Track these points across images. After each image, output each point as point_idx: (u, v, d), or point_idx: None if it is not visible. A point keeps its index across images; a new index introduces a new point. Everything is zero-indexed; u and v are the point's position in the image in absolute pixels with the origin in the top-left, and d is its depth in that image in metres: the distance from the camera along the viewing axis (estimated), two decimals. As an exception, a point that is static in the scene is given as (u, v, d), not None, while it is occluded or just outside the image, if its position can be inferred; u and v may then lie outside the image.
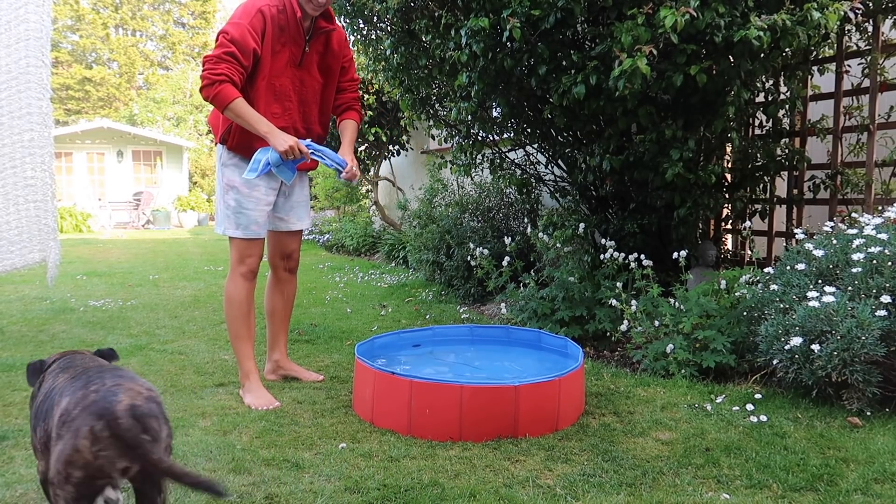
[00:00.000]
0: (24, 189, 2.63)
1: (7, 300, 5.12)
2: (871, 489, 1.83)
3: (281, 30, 2.56)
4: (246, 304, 2.72)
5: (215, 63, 2.43)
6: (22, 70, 2.64)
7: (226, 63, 2.43)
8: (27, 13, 2.65)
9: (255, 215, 2.67)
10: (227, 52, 2.44)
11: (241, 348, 2.72)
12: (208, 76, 2.43)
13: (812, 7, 2.84)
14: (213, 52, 2.46)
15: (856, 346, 2.29)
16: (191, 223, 17.90)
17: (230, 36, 2.45)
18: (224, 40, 2.45)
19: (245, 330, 2.72)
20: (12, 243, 2.62)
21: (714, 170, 3.54)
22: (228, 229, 2.67)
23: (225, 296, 2.75)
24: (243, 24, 2.47)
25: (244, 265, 2.70)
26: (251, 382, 2.67)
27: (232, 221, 2.66)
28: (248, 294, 2.72)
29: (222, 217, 2.70)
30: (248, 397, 2.62)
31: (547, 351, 2.96)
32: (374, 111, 7.79)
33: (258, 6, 2.51)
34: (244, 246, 2.69)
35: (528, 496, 1.80)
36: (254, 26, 2.48)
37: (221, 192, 2.70)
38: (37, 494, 1.80)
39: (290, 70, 2.64)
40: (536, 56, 3.43)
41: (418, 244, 5.77)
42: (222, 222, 2.70)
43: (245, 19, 2.48)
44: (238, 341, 2.73)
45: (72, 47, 27.65)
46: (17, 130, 2.62)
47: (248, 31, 2.46)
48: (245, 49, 2.46)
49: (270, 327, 2.99)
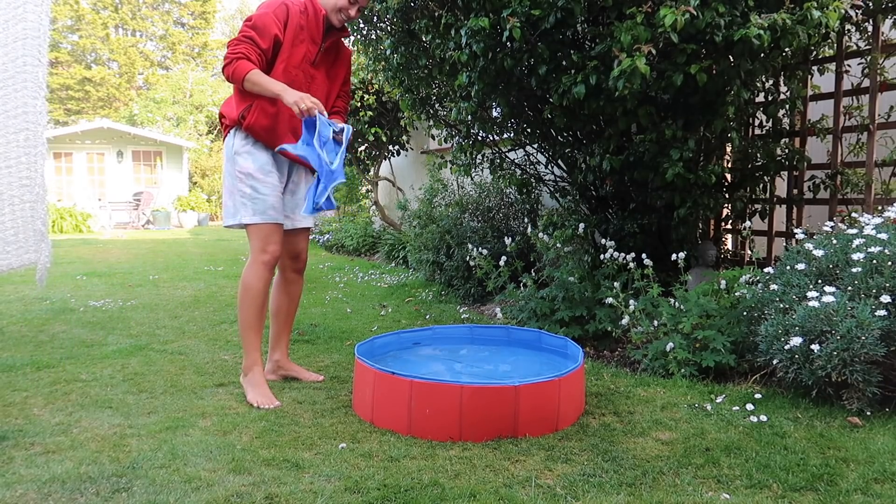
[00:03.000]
0: (19, 189, 2.62)
1: (7, 300, 5.13)
2: (871, 489, 1.83)
3: (300, 27, 2.68)
4: (263, 294, 2.72)
5: (235, 45, 2.59)
6: (19, 69, 2.63)
7: (244, 44, 2.59)
8: (25, 12, 2.64)
9: (272, 200, 2.69)
10: (246, 35, 2.59)
11: (250, 338, 2.72)
12: (228, 55, 2.59)
13: (812, 6, 2.84)
14: (235, 38, 2.62)
15: (856, 346, 2.29)
16: (191, 223, 17.90)
17: (252, 22, 2.61)
18: (246, 26, 2.61)
19: (257, 320, 2.73)
20: (8, 243, 2.61)
21: (714, 170, 3.54)
22: (245, 217, 2.67)
23: (242, 284, 2.71)
24: (268, 13, 2.63)
25: (267, 252, 2.69)
26: (254, 375, 2.68)
27: (249, 209, 2.67)
28: (266, 284, 2.73)
29: (236, 207, 2.69)
30: (251, 393, 2.63)
31: (547, 351, 2.96)
32: (374, 111, 7.78)
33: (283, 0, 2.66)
34: (266, 232, 2.68)
35: (528, 496, 1.80)
36: (277, 14, 2.63)
37: (233, 182, 2.70)
38: (37, 494, 1.80)
39: (305, 65, 2.73)
40: (536, 56, 3.43)
41: (418, 244, 5.77)
42: (236, 212, 2.68)
43: (270, 8, 2.64)
44: (249, 331, 2.72)
45: (72, 47, 27.65)
46: (12, 130, 2.61)
47: (271, 18, 2.62)
48: (265, 33, 2.60)
49: (274, 327, 2.99)
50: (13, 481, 1.88)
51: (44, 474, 1.92)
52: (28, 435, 2.24)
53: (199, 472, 1.93)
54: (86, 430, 2.29)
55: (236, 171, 2.69)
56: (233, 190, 2.70)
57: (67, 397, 2.67)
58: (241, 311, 2.73)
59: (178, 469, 1.95)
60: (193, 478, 1.89)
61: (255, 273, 2.69)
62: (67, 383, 2.86)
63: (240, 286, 2.73)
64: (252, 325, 2.72)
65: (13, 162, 2.61)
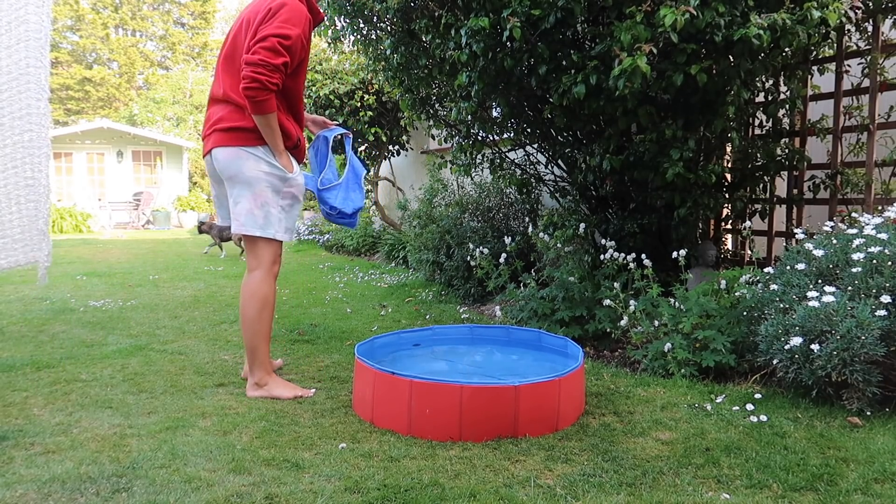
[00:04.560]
0: (24, 189, 2.65)
1: (7, 300, 5.13)
2: (871, 489, 1.83)
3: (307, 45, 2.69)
4: (273, 304, 2.79)
5: (272, 71, 2.44)
6: (22, 71, 2.64)
7: (280, 74, 2.47)
8: (27, 14, 2.65)
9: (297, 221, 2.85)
10: (284, 62, 2.47)
11: (265, 349, 2.75)
12: (267, 82, 2.43)
13: (812, 6, 2.84)
14: (271, 55, 2.44)
15: (856, 345, 2.29)
16: (191, 223, 17.89)
17: (290, 44, 2.48)
18: (283, 47, 2.46)
19: (269, 330, 2.79)
20: (16, 241, 2.64)
21: (714, 170, 3.54)
22: (278, 233, 2.69)
23: (259, 297, 2.70)
24: (300, 36, 2.53)
25: (276, 265, 2.77)
26: (273, 380, 2.75)
27: (283, 225, 2.70)
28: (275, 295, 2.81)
29: (269, 220, 2.67)
30: (285, 391, 2.69)
31: (547, 351, 2.96)
32: (374, 111, 7.78)
33: (305, 14, 2.59)
34: (278, 248, 2.77)
35: (528, 496, 1.80)
36: (305, 35, 2.58)
37: (275, 196, 2.67)
38: (37, 494, 1.80)
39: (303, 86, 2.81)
40: (536, 56, 3.43)
41: (418, 244, 5.77)
42: (268, 225, 2.67)
43: (299, 27, 2.52)
44: (265, 342, 2.74)
45: (72, 47, 27.65)
46: (17, 131, 2.62)
47: (300, 42, 2.55)
48: (294, 59, 2.56)
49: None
50: (13, 481, 1.88)
51: (44, 474, 1.92)
52: (28, 435, 2.24)
53: (199, 472, 1.93)
54: (86, 430, 2.29)
55: (284, 188, 2.68)
56: (271, 203, 2.66)
57: (67, 397, 2.67)
58: (258, 323, 2.72)
59: (178, 469, 1.95)
60: (193, 478, 1.89)
61: (269, 285, 2.72)
62: (67, 383, 2.86)
63: (256, 300, 2.70)
64: (267, 335, 2.76)
65: (18, 162, 2.63)
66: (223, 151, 2.64)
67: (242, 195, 2.65)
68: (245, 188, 2.64)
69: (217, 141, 2.66)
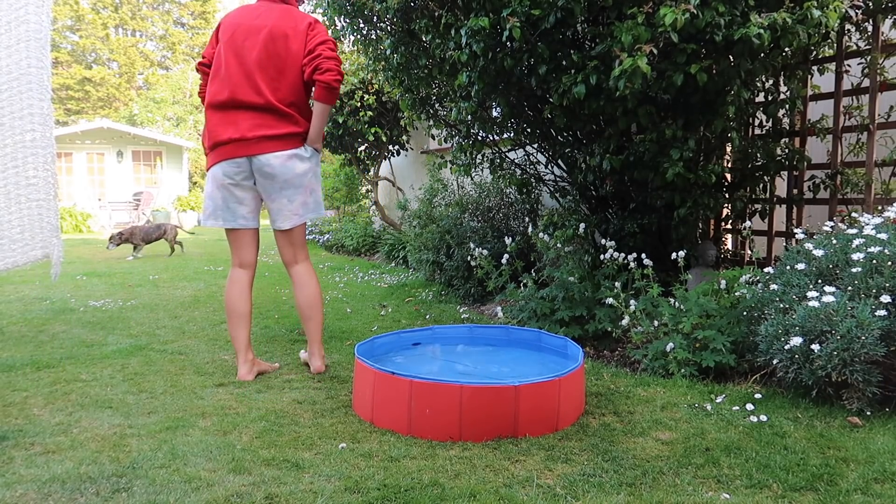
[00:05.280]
0: (25, 188, 2.65)
1: (7, 300, 5.13)
2: (871, 489, 1.83)
3: None
4: None
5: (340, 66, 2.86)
6: (23, 71, 2.65)
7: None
8: (27, 14, 2.65)
9: None
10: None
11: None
12: (341, 76, 2.86)
13: (812, 6, 2.84)
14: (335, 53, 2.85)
15: (856, 345, 2.29)
16: (191, 223, 17.88)
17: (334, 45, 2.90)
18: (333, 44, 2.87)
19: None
20: (14, 241, 2.64)
21: (714, 170, 3.54)
22: (321, 208, 3.11)
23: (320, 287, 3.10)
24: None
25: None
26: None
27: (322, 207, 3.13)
28: None
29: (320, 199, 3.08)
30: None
31: (547, 351, 2.96)
32: (374, 111, 7.78)
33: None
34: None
35: (528, 496, 1.80)
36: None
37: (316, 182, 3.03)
38: (37, 494, 1.80)
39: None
40: (536, 56, 3.43)
41: (418, 244, 5.77)
42: (320, 204, 3.07)
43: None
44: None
45: (72, 47, 27.66)
46: (18, 131, 2.62)
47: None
48: None
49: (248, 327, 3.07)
50: (13, 481, 1.88)
51: (44, 474, 1.92)
52: (28, 435, 2.24)
53: (199, 472, 1.93)
54: (86, 430, 2.29)
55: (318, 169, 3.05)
56: (316, 187, 3.03)
57: (67, 397, 2.67)
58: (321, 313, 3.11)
59: (178, 469, 1.96)
60: (193, 478, 1.89)
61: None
62: (67, 383, 2.86)
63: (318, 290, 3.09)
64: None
65: (20, 162, 2.63)
66: (279, 156, 2.86)
67: (297, 192, 2.95)
68: (299, 184, 2.94)
69: (271, 147, 2.85)
